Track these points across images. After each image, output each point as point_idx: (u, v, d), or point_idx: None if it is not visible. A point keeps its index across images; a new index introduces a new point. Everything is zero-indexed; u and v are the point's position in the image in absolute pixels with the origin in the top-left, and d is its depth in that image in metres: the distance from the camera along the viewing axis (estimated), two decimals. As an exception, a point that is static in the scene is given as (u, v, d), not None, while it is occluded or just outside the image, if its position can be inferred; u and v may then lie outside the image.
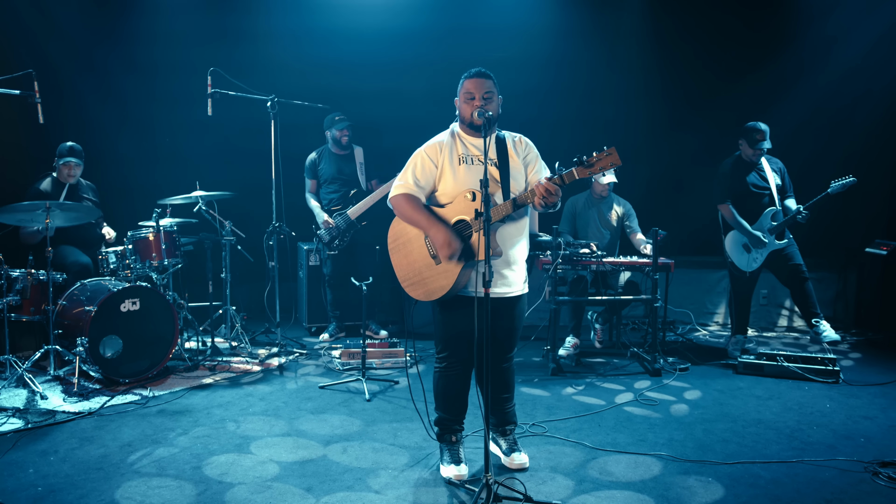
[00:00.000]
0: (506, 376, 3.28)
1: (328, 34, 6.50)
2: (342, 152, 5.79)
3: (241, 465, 3.24)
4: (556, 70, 6.72)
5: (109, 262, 4.80)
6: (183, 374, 4.66)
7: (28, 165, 5.48)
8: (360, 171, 5.77)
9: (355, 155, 5.80)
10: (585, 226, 5.43)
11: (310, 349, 5.44)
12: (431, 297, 3.06)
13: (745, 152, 5.16)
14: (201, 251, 5.62)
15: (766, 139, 5.05)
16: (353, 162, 5.78)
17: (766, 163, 5.17)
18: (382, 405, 4.10)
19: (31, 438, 3.50)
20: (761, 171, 5.16)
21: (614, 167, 2.82)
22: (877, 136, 6.30)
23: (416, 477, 3.13)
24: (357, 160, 5.78)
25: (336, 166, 5.75)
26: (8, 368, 4.25)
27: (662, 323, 5.24)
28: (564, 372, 4.83)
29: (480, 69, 3.08)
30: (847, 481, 3.10)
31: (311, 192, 5.84)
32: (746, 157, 5.16)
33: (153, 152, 6.27)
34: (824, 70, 6.34)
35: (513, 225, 3.08)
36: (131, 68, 6.15)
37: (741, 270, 5.18)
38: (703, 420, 3.89)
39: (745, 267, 5.17)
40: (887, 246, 5.19)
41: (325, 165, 5.78)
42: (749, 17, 6.58)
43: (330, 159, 5.79)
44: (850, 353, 5.55)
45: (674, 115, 6.77)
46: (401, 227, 3.19)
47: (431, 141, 3.17)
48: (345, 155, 5.80)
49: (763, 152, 5.10)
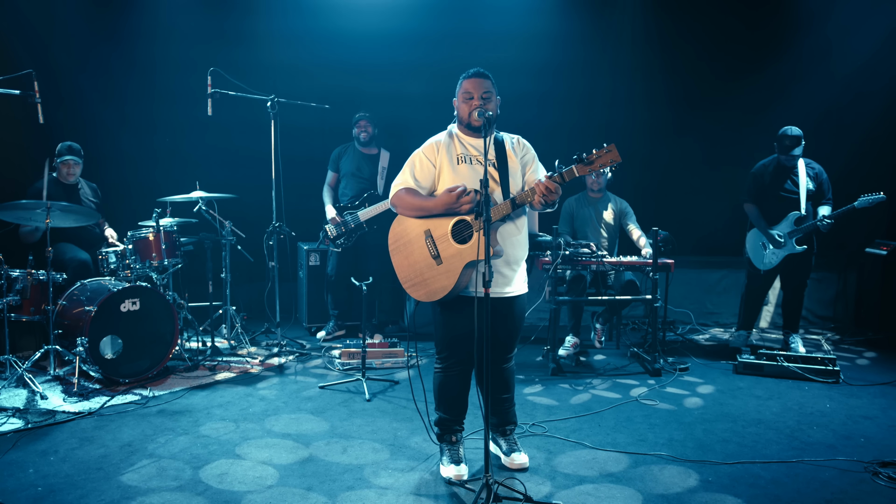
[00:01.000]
0: (506, 376, 3.28)
1: (328, 35, 6.50)
2: (368, 151, 5.76)
3: (241, 465, 3.24)
4: (554, 73, 6.72)
5: (109, 262, 4.80)
6: (183, 374, 4.66)
7: (28, 165, 5.48)
8: (382, 175, 5.70)
9: (381, 158, 5.75)
10: (583, 226, 5.43)
11: (310, 349, 5.44)
12: (433, 298, 3.06)
13: (780, 156, 5.21)
14: (201, 251, 5.63)
15: (797, 145, 5.10)
16: (377, 164, 5.73)
17: (803, 167, 5.22)
18: (382, 405, 4.10)
19: (31, 438, 3.50)
20: (795, 176, 5.21)
21: (614, 164, 2.81)
22: (877, 136, 6.30)
23: (416, 477, 3.13)
24: (381, 164, 5.73)
25: (356, 164, 5.72)
26: (8, 368, 4.25)
27: (662, 323, 5.25)
28: (564, 372, 4.82)
29: (479, 69, 3.09)
30: (847, 481, 3.10)
31: (329, 185, 5.81)
32: (782, 162, 5.21)
33: (153, 152, 6.27)
34: (824, 70, 6.34)
35: (512, 224, 3.08)
36: (131, 68, 6.16)
37: (756, 268, 5.36)
38: (703, 420, 3.89)
39: (760, 265, 5.33)
40: (887, 246, 5.20)
41: (346, 160, 5.76)
42: (749, 18, 6.58)
43: (352, 156, 5.76)
44: (851, 353, 5.56)
45: (674, 115, 6.77)
46: (401, 228, 3.18)
47: (428, 141, 3.18)
48: (369, 155, 5.76)
49: (796, 158, 5.16)
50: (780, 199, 5.24)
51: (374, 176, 5.71)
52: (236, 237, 5.31)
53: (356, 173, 5.71)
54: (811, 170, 5.26)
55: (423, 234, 3.09)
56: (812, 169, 5.27)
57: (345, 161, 5.76)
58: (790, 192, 5.22)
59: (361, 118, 5.67)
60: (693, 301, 6.56)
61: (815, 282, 6.57)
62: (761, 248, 5.31)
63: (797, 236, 5.16)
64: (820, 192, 5.24)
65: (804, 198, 5.19)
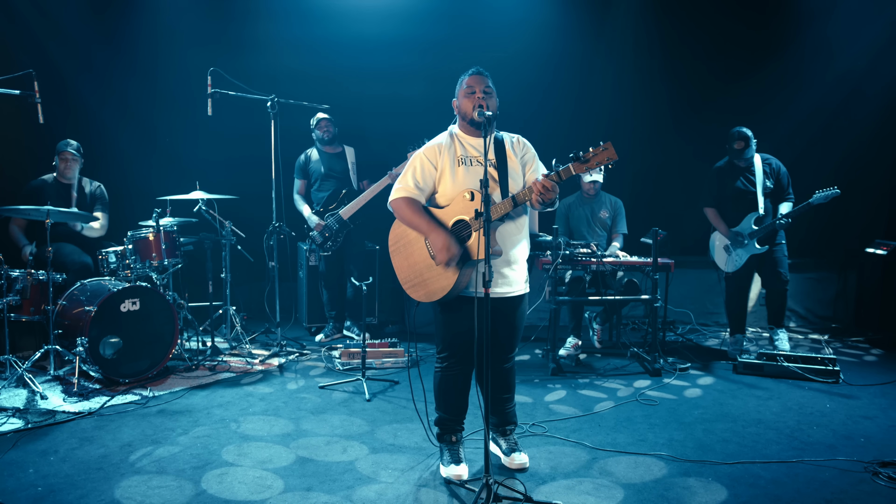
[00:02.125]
0: (506, 376, 3.28)
1: (328, 40, 6.51)
2: (332, 150, 5.74)
3: (241, 465, 3.24)
4: (555, 67, 6.73)
5: (109, 262, 4.80)
6: (183, 374, 4.66)
7: (28, 165, 5.48)
8: (353, 170, 5.73)
9: (346, 154, 5.76)
10: (579, 226, 5.44)
11: (310, 349, 5.44)
12: (433, 299, 3.06)
13: (732, 158, 5.21)
14: (201, 251, 5.63)
15: (747, 146, 5.09)
16: (345, 160, 5.73)
17: (759, 165, 5.18)
18: (382, 405, 4.10)
19: (31, 438, 3.50)
20: (751, 175, 5.18)
21: (610, 162, 2.80)
22: (876, 136, 6.30)
23: (416, 477, 3.13)
24: (349, 160, 5.74)
25: (326, 163, 5.70)
26: (8, 368, 4.25)
27: (662, 323, 5.25)
28: (564, 372, 4.83)
29: (479, 68, 3.11)
30: (847, 481, 3.10)
31: (300, 194, 5.78)
32: (735, 162, 5.20)
33: (153, 152, 6.27)
34: (823, 70, 6.35)
35: (512, 224, 3.08)
36: (132, 68, 6.16)
37: (723, 271, 5.36)
38: (703, 420, 3.89)
39: (726, 267, 5.33)
40: (887, 246, 5.20)
41: (316, 163, 5.73)
42: (749, 13, 6.58)
43: (320, 158, 5.74)
44: (851, 353, 5.56)
45: (674, 112, 6.78)
46: (401, 230, 3.19)
47: (430, 143, 3.18)
48: (335, 154, 5.75)
49: (749, 159, 5.14)
50: (738, 200, 5.21)
51: (346, 171, 5.71)
52: (236, 237, 5.31)
53: (329, 173, 5.68)
54: (767, 166, 5.21)
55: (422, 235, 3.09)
56: (768, 165, 5.21)
57: (314, 165, 5.73)
58: (747, 192, 5.18)
59: (323, 119, 5.65)
60: (693, 301, 6.56)
61: (815, 282, 6.58)
62: (724, 252, 5.28)
63: (758, 236, 5.11)
64: (779, 187, 5.20)
65: (761, 196, 5.15)
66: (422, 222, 3.04)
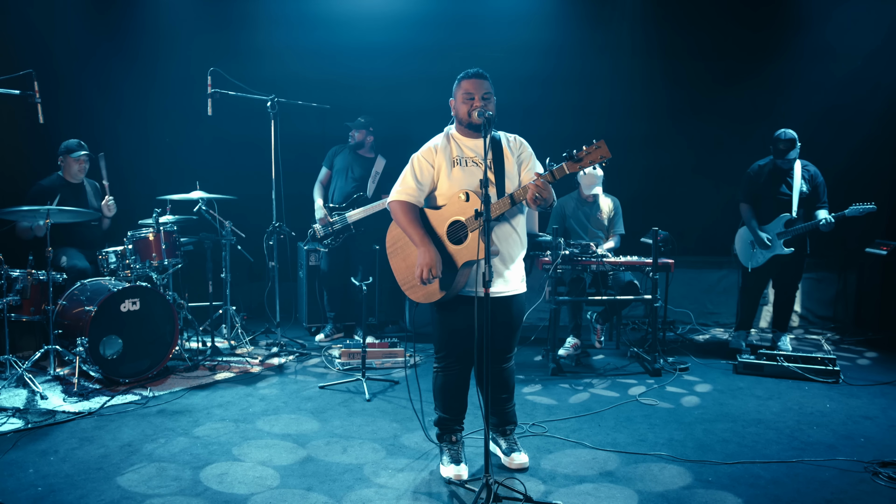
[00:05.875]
0: (505, 376, 3.28)
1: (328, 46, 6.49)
2: (364, 154, 5.76)
3: (241, 465, 3.24)
4: (556, 57, 6.70)
5: (109, 262, 4.80)
6: (183, 374, 4.66)
7: (28, 165, 5.48)
8: (374, 179, 5.70)
9: (376, 163, 5.74)
10: (577, 225, 5.43)
11: (310, 349, 5.44)
12: (431, 299, 3.06)
13: (775, 159, 5.23)
14: (201, 251, 5.63)
15: (793, 148, 5.12)
16: (370, 168, 5.72)
17: (798, 169, 5.23)
18: (382, 405, 4.10)
19: (31, 438, 3.50)
20: (790, 179, 5.23)
21: (604, 160, 2.80)
22: (876, 136, 6.30)
23: (416, 477, 3.13)
24: (375, 168, 5.72)
25: (349, 164, 5.72)
26: (8, 368, 4.25)
27: (662, 323, 5.25)
28: (564, 372, 4.82)
29: (478, 70, 3.09)
30: (847, 481, 3.09)
31: (320, 182, 5.81)
32: (778, 164, 5.23)
33: (154, 152, 6.27)
34: (824, 71, 6.34)
35: (508, 224, 3.09)
36: (132, 68, 6.15)
37: (743, 266, 5.40)
38: (703, 420, 3.89)
39: (746, 263, 5.37)
40: (887, 246, 5.20)
41: (341, 159, 5.77)
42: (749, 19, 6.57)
43: (347, 155, 5.76)
44: (851, 353, 5.56)
45: (673, 112, 6.77)
46: (399, 231, 3.19)
47: (426, 145, 3.19)
48: (365, 158, 5.75)
49: (792, 161, 5.18)
50: (774, 201, 5.26)
51: (366, 178, 5.69)
52: (236, 237, 5.31)
53: (347, 174, 5.70)
54: (807, 172, 5.26)
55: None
56: (808, 171, 5.27)
57: (339, 161, 5.77)
58: (784, 194, 5.23)
59: (361, 126, 5.67)
60: (693, 301, 6.56)
61: (815, 282, 6.58)
62: (749, 247, 5.35)
63: (785, 238, 5.17)
64: (815, 195, 5.24)
65: (797, 201, 5.20)
66: (415, 233, 3.04)
